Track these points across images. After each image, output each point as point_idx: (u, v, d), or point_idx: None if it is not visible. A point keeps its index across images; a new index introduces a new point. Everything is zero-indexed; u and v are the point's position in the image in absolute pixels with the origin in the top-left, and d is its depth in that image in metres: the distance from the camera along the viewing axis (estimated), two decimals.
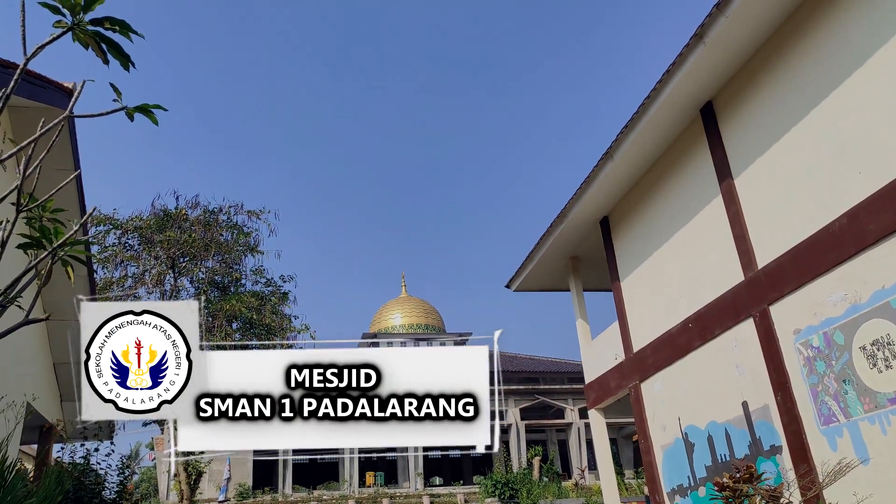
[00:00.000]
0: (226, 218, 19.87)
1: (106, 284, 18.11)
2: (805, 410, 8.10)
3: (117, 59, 2.33)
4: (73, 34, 2.28)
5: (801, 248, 8.24)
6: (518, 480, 16.43)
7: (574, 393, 40.04)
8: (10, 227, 2.94)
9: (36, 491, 5.54)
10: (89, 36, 2.26)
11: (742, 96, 9.49)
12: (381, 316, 52.48)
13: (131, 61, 2.35)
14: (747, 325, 9.20)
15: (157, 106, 2.50)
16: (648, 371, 11.84)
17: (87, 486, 11.27)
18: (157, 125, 2.54)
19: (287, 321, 19.30)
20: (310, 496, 32.34)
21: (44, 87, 8.11)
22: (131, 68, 2.34)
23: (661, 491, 11.38)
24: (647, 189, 11.99)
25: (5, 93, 2.46)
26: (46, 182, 9.12)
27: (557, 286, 16.47)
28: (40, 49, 2.33)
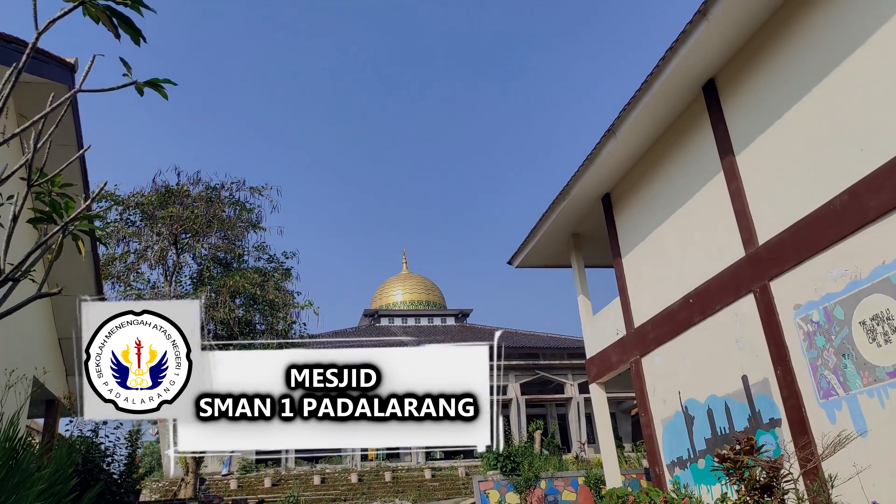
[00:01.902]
0: (228, 194, 19.83)
1: (109, 260, 18.14)
2: (804, 384, 8.19)
3: (128, 33, 2.34)
4: (83, 8, 2.29)
5: (802, 225, 8.27)
6: (519, 453, 16.60)
7: (574, 368, 40.30)
8: (21, 202, 2.98)
9: (46, 464, 5.64)
10: (100, 10, 2.27)
11: (744, 74, 9.46)
12: (383, 292, 52.62)
13: (142, 35, 2.37)
14: (748, 300, 9.26)
15: (167, 80, 2.51)
16: (649, 346, 11.94)
17: (95, 460, 11.42)
18: (167, 99, 2.56)
19: (290, 297, 19.34)
20: (312, 470, 32.71)
21: (46, 63, 8.09)
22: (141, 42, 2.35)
23: (661, 463, 11.53)
24: (648, 166, 12.00)
25: (16, 68, 2.48)
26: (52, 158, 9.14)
27: (559, 262, 16.53)
28: (52, 23, 2.34)
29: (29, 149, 2.99)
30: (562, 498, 16.05)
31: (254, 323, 18.92)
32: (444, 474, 31.87)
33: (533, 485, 15.95)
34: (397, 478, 30.63)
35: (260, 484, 29.65)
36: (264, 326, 18.95)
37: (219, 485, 29.26)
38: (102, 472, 11.49)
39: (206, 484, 28.43)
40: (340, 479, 30.67)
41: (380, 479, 30.46)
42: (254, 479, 30.59)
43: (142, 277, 18.88)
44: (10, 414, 5.70)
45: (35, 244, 2.99)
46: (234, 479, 29.84)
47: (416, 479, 30.50)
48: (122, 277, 18.42)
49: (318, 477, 30.38)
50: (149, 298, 18.08)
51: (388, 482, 29.94)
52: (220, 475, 31.70)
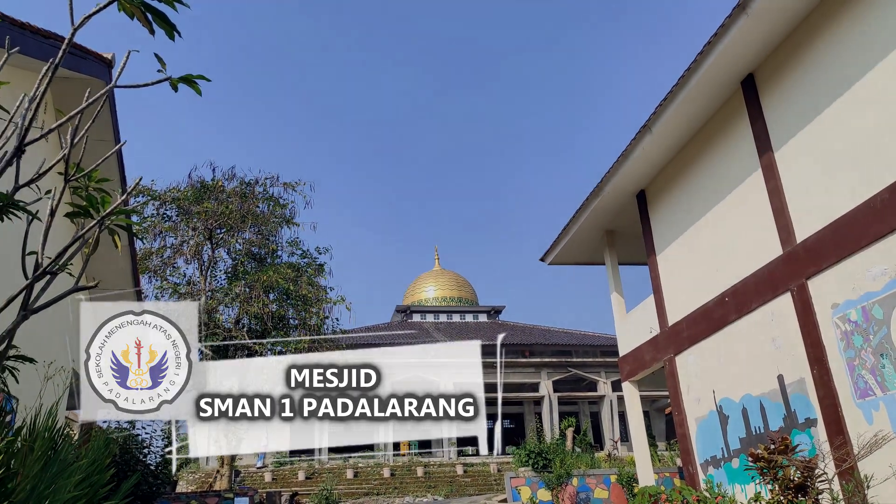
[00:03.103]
0: (262, 190, 20.04)
1: (146, 255, 18.48)
2: (841, 384, 8.02)
3: (162, 28, 2.37)
4: (118, 3, 2.33)
5: (842, 222, 8.08)
6: (551, 450, 16.53)
7: (607, 366, 40.00)
8: (58, 196, 3.04)
9: (84, 454, 5.77)
10: (135, 5, 2.31)
11: (785, 68, 9.26)
12: (415, 288, 52.80)
13: (177, 30, 2.40)
14: (785, 299, 9.09)
15: (200, 76, 2.54)
16: (683, 344, 11.79)
17: (132, 451, 11.67)
18: (199, 95, 2.59)
19: (323, 292, 19.49)
20: (345, 463, 33.00)
21: (84, 58, 8.26)
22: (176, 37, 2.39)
23: (695, 462, 11.39)
24: (684, 163, 11.83)
25: (53, 63, 2.53)
26: (88, 153, 9.35)
27: (593, 260, 16.40)
28: (87, 18, 2.38)
29: (67, 145, 3.06)
30: (594, 495, 15.94)
31: (287, 318, 19.12)
32: (476, 470, 31.89)
33: (564, 482, 15.87)
34: (429, 473, 30.73)
35: (294, 477, 30.00)
36: (297, 321, 19.14)
37: (253, 477, 29.67)
38: (139, 463, 11.73)
39: (241, 476, 28.85)
40: (373, 473, 30.88)
41: (412, 473, 30.60)
42: (288, 472, 30.97)
43: (178, 272, 19.21)
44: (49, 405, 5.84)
45: (72, 238, 3.06)
46: (269, 472, 30.23)
47: (448, 475, 30.57)
48: (158, 271, 18.75)
49: (350, 471, 30.63)
50: (185, 292, 18.40)
51: (420, 477, 30.06)
52: (255, 468, 32.15)
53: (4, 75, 7.77)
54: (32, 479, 3.93)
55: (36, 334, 8.77)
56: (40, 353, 8.57)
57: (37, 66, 6.93)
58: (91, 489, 4.95)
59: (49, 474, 4.10)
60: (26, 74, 7.59)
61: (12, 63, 7.43)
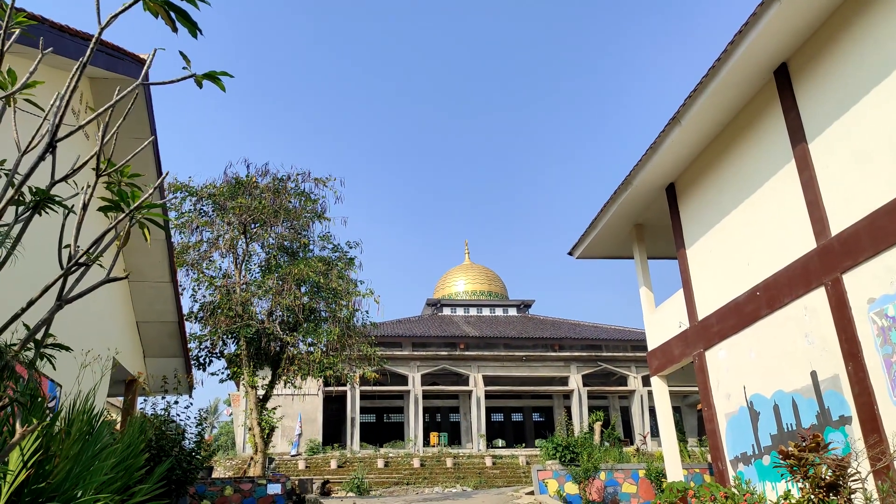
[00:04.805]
0: (294, 185, 20.28)
1: (183, 249, 18.87)
2: (877, 381, 7.87)
3: (185, 26, 2.44)
4: (143, 3, 2.41)
5: (879, 215, 7.92)
6: (579, 444, 16.49)
7: (637, 361, 39.73)
8: (90, 191, 3.15)
9: (121, 438, 5.95)
10: (158, 4, 2.38)
11: (820, 57, 9.08)
12: (445, 282, 52.91)
13: (199, 28, 2.46)
14: (818, 293, 8.94)
15: (224, 73, 2.61)
16: (713, 339, 11.66)
17: (168, 436, 11.97)
18: (224, 91, 2.66)
19: (353, 286, 19.68)
20: (376, 453, 33.32)
21: (120, 59, 8.46)
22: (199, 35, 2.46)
23: (725, 459, 11.28)
24: (715, 155, 11.67)
25: (82, 61, 2.62)
26: (126, 150, 9.57)
27: (621, 254, 16.29)
28: (114, 18, 2.46)
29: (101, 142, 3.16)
30: (622, 490, 15.88)
31: (318, 310, 19.36)
32: (505, 462, 31.95)
33: (592, 476, 15.83)
34: (458, 464, 30.87)
35: (326, 465, 30.39)
36: (328, 314, 19.38)
37: (287, 465, 30.13)
38: (175, 447, 12.02)
39: (275, 463, 29.32)
40: (403, 463, 31.13)
41: (441, 464, 30.77)
42: (320, 460, 31.38)
43: (214, 265, 19.57)
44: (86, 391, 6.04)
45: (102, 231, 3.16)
46: (302, 460, 30.67)
47: (477, 466, 30.67)
48: (195, 265, 19.12)
49: (381, 460, 30.93)
50: (220, 285, 18.74)
51: (450, 468, 30.21)
52: (289, 455, 32.64)
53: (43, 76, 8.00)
54: (70, 462, 4.08)
55: (75, 323, 9.05)
56: (77, 343, 8.84)
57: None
58: (126, 472, 5.12)
59: (86, 456, 4.25)
60: (66, 76, 7.81)
61: (53, 64, 7.67)
